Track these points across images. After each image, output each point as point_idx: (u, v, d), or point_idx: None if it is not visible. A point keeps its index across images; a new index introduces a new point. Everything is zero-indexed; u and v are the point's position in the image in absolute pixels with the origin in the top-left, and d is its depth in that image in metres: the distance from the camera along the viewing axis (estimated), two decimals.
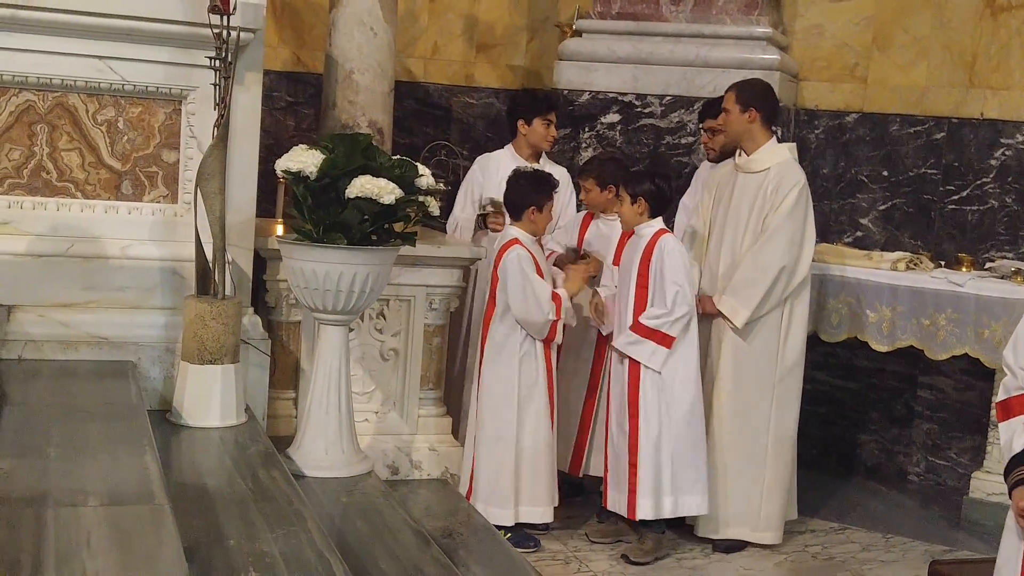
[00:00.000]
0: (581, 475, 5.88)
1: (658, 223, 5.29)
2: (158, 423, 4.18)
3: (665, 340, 5.15)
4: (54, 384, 4.15)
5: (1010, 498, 3.12)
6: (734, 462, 5.45)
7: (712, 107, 6.04)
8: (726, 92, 5.60)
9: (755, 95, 5.52)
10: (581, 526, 5.57)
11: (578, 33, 7.23)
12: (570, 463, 5.86)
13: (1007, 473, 3.16)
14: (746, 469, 5.46)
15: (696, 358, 5.26)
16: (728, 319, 5.39)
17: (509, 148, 6.14)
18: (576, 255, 5.82)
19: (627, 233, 5.39)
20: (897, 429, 6.87)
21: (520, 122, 6.06)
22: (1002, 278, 6.07)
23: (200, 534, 3.20)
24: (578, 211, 6.12)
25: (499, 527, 5.04)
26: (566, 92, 7.06)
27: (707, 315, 5.43)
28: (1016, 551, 3.11)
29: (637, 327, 5.19)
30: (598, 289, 5.60)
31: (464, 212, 6.16)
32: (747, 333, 5.41)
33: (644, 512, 5.19)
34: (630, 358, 5.20)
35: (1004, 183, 6.75)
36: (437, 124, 7.76)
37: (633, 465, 5.19)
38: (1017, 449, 3.13)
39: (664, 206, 5.34)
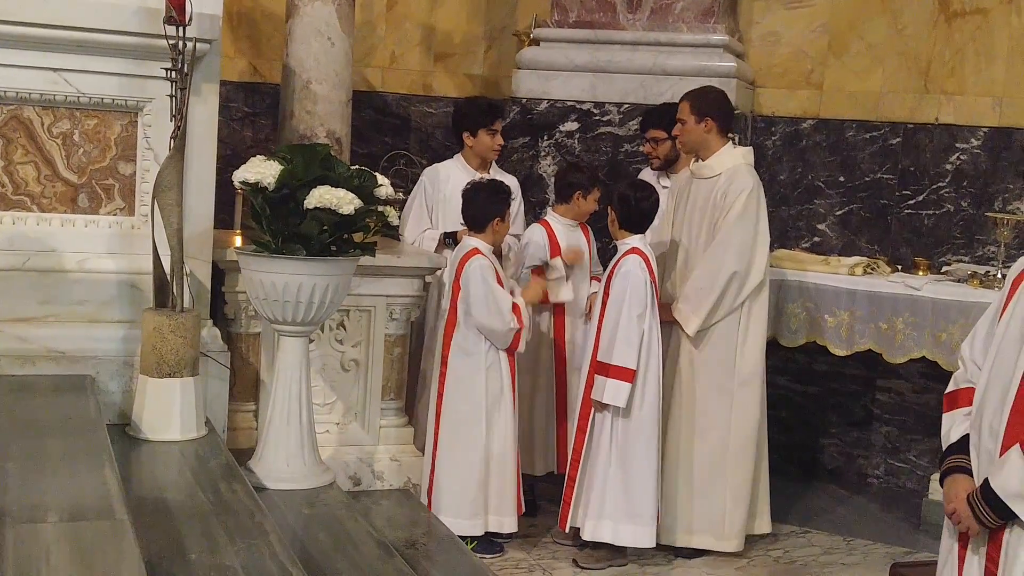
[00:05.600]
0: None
1: (634, 240, 5.30)
2: (117, 437, 4.14)
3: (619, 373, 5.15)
4: (11, 399, 4.10)
5: (941, 486, 3.16)
6: (695, 470, 5.46)
7: (653, 116, 6.07)
8: (680, 102, 5.59)
9: (710, 104, 5.53)
10: (544, 534, 5.58)
11: (536, 42, 7.25)
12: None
13: (940, 461, 3.19)
14: (708, 477, 5.46)
15: (657, 387, 5.27)
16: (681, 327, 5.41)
17: (458, 158, 6.08)
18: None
19: None
20: (856, 432, 6.92)
21: (465, 134, 5.98)
22: (958, 282, 6.14)
23: (161, 549, 3.18)
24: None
25: (464, 537, 5.03)
26: (524, 101, 7.07)
27: (665, 323, 5.42)
28: (951, 549, 3.14)
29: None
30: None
31: (420, 228, 5.97)
32: (702, 340, 5.41)
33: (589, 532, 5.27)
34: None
35: (959, 187, 6.82)
36: (395, 134, 7.76)
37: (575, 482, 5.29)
38: (954, 439, 3.18)
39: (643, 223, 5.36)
